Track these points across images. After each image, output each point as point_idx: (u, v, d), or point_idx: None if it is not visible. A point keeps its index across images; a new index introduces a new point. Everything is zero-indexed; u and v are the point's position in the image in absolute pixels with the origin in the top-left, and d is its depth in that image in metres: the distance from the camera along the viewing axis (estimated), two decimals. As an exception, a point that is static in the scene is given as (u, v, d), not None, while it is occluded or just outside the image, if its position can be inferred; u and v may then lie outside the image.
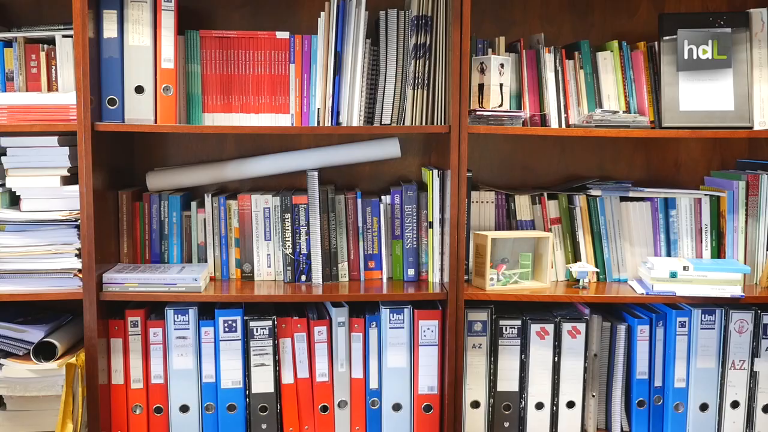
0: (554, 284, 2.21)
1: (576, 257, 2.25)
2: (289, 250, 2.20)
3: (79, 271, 2.03)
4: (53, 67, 2.09)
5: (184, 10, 2.21)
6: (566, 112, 2.16)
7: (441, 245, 2.18)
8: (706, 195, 2.24)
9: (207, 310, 2.15)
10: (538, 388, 2.15)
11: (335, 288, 2.16)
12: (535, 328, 2.13)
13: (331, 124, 2.09)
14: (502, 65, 2.09)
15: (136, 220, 2.22)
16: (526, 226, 2.26)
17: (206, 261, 2.23)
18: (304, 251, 2.20)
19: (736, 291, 2.07)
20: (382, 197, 2.23)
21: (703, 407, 2.17)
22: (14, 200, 2.12)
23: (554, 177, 2.44)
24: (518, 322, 2.13)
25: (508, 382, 2.15)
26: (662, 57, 2.16)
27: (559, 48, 2.18)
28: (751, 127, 2.13)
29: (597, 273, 2.24)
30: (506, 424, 2.16)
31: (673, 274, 2.09)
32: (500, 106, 2.10)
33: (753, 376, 2.16)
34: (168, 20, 2.05)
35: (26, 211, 2.05)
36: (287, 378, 2.13)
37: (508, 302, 2.16)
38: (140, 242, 2.23)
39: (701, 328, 2.14)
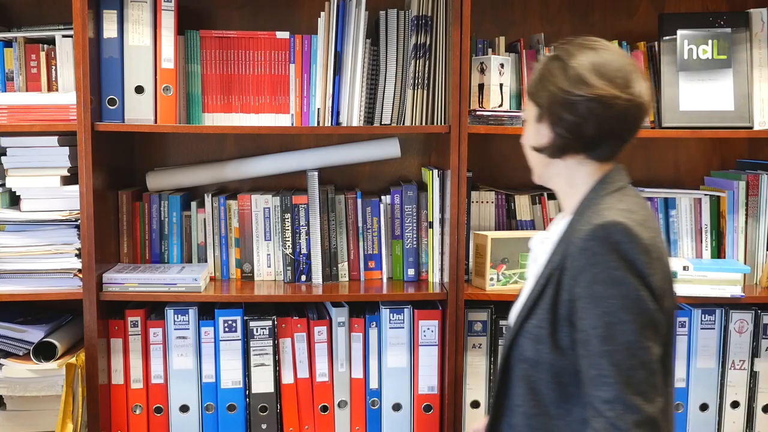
0: (554, 284, 2.21)
1: (576, 257, 2.25)
2: (289, 250, 2.20)
3: (79, 271, 2.03)
4: (53, 67, 2.09)
5: (184, 10, 2.21)
6: (566, 112, 2.16)
7: (441, 245, 2.18)
8: (706, 195, 2.24)
9: (207, 310, 2.15)
10: (538, 388, 2.14)
11: (335, 288, 2.16)
12: (535, 328, 2.13)
13: (331, 124, 2.09)
14: (502, 65, 2.09)
15: (136, 220, 2.22)
16: (526, 226, 2.26)
17: (206, 261, 2.23)
18: (304, 251, 2.20)
19: (736, 291, 2.07)
20: (382, 197, 2.23)
21: (703, 407, 2.17)
22: (14, 200, 2.11)
23: (554, 177, 2.43)
24: (518, 322, 2.13)
25: (508, 382, 2.15)
26: (662, 57, 2.16)
27: (559, 48, 2.18)
28: (751, 127, 2.14)
29: (597, 273, 2.24)
30: (506, 424, 2.16)
31: (673, 274, 2.08)
32: (500, 106, 2.10)
33: (753, 376, 2.16)
34: (168, 20, 2.05)
35: (26, 211, 2.05)
36: (287, 378, 2.13)
37: (508, 302, 2.15)
38: (140, 242, 2.23)
39: (701, 328, 2.14)
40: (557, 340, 1.30)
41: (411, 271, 2.22)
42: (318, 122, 2.10)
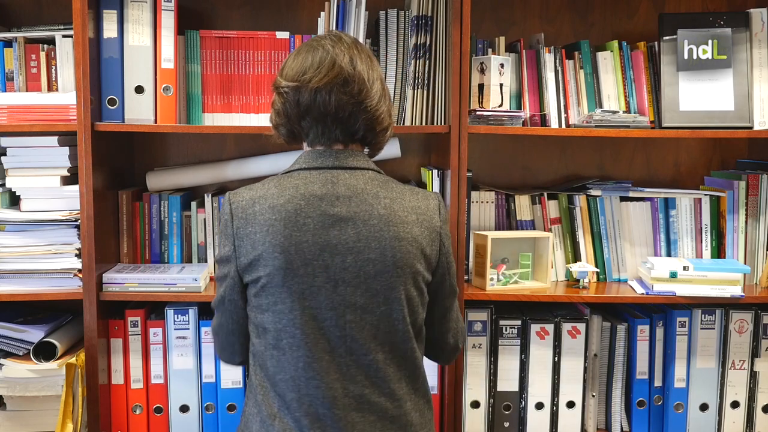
0: (554, 284, 2.21)
1: (576, 257, 2.25)
2: (289, 250, 2.20)
3: (79, 271, 2.03)
4: (53, 67, 2.09)
5: (184, 10, 2.21)
6: (566, 112, 2.16)
7: (441, 245, 2.17)
8: (706, 195, 2.24)
9: (207, 310, 2.15)
10: (538, 388, 2.15)
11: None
12: (535, 328, 2.13)
13: (331, 124, 2.09)
14: (502, 65, 2.09)
15: (136, 220, 2.22)
16: (526, 226, 2.26)
17: (206, 261, 2.23)
18: (304, 251, 2.20)
19: (736, 291, 2.07)
20: (382, 197, 2.23)
21: (703, 407, 2.17)
22: (14, 200, 2.12)
23: (554, 177, 2.44)
24: (518, 322, 2.13)
25: (508, 382, 2.15)
26: (662, 57, 2.16)
27: (559, 48, 2.18)
28: (751, 127, 2.13)
29: (597, 273, 2.24)
30: (506, 424, 2.16)
31: (673, 274, 2.09)
32: (500, 106, 2.10)
33: (753, 376, 2.16)
34: (168, 20, 2.05)
35: (26, 211, 2.05)
36: (287, 378, 2.13)
37: (508, 302, 2.17)
38: (140, 242, 2.23)
39: (701, 328, 2.14)
40: None
41: (411, 271, 2.22)
42: (318, 122, 2.10)
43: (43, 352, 2.03)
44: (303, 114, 1.49)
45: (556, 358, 2.14)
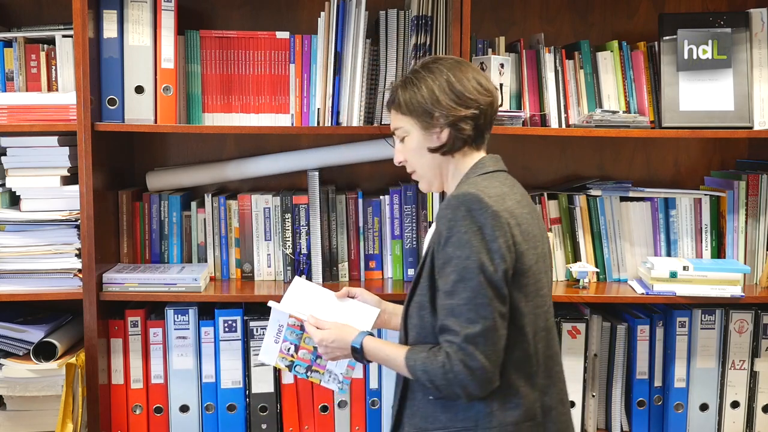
0: (554, 284, 2.21)
1: (576, 257, 2.25)
2: (289, 250, 2.20)
3: (79, 271, 2.03)
4: (53, 67, 2.09)
5: (184, 10, 2.21)
6: (566, 112, 2.16)
7: (441, 245, 2.17)
8: (706, 195, 2.24)
9: (207, 310, 2.15)
10: (538, 388, 2.14)
11: (336, 288, 2.15)
12: (535, 328, 2.13)
13: (331, 124, 2.09)
14: (502, 65, 2.09)
15: (136, 220, 2.22)
16: (526, 226, 2.26)
17: (206, 261, 2.23)
18: (304, 251, 2.20)
19: (736, 291, 2.07)
20: (382, 197, 2.23)
21: (703, 407, 2.17)
22: (14, 200, 2.12)
23: (554, 177, 2.44)
24: (518, 322, 2.13)
25: (508, 382, 2.14)
26: (662, 57, 2.16)
27: (559, 48, 2.18)
28: (751, 127, 2.13)
29: (597, 273, 2.24)
30: (506, 424, 2.15)
31: (673, 274, 2.09)
32: (500, 106, 2.10)
33: (753, 376, 2.16)
34: (168, 20, 2.05)
35: (26, 211, 2.05)
36: (287, 378, 2.13)
37: (508, 302, 2.16)
38: (140, 242, 2.23)
39: (701, 328, 2.14)
40: (435, 303, 1.45)
41: (411, 271, 2.22)
42: (318, 122, 2.10)
43: (43, 352, 2.03)
44: (492, 119, 1.60)
45: (556, 358, 2.13)
